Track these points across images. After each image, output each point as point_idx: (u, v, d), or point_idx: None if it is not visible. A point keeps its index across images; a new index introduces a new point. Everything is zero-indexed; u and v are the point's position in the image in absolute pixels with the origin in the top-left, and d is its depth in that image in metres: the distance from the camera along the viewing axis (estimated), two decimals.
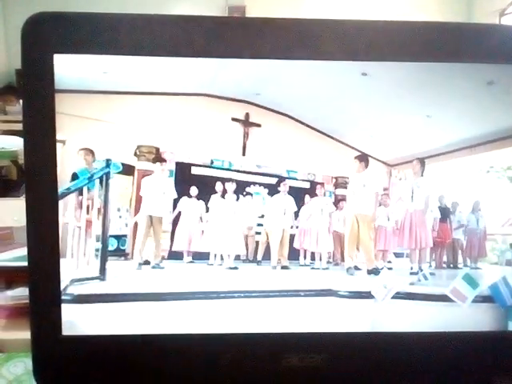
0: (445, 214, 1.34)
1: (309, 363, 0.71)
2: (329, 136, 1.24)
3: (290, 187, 1.25)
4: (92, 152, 0.79)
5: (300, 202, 1.26)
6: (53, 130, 0.63)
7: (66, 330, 0.71)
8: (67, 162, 0.71)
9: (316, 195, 1.29)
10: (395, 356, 0.73)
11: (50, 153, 0.63)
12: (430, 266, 1.37)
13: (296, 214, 1.33)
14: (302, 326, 0.79)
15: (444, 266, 1.36)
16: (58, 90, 0.62)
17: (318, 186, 1.30)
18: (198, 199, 1.22)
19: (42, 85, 0.61)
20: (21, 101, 0.68)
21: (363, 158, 1.21)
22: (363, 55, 0.72)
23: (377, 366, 0.73)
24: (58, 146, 0.66)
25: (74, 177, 0.80)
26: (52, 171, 0.65)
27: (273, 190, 1.24)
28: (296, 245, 1.37)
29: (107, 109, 0.78)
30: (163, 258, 1.12)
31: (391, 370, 0.73)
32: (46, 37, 0.60)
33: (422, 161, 1.17)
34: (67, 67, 0.62)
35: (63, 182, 0.71)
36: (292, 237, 1.37)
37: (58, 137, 0.65)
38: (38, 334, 0.70)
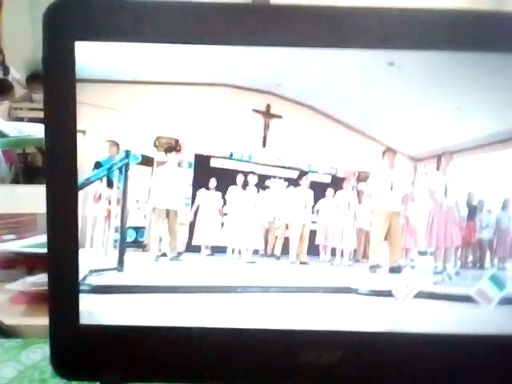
0: (472, 211, 1.31)
1: (326, 361, 0.71)
2: (352, 129, 1.22)
3: (311, 182, 1.25)
4: (117, 144, 0.81)
5: (320, 197, 1.26)
6: (73, 120, 0.65)
7: (84, 319, 0.73)
8: (87, 152, 0.73)
9: (341, 189, 1.28)
10: (415, 357, 0.72)
11: (70, 143, 0.65)
12: (455, 265, 1.35)
13: (313, 209, 1.33)
14: (319, 323, 0.79)
15: (470, 265, 1.34)
16: (79, 80, 0.63)
17: (346, 180, 1.30)
18: (217, 191, 1.24)
19: (63, 73, 0.63)
20: None
21: (394, 153, 1.20)
22: (390, 43, 0.71)
23: (396, 366, 0.72)
24: (79, 136, 0.67)
25: (98, 165, 0.82)
26: (72, 161, 0.67)
27: (293, 183, 1.25)
28: (319, 241, 1.38)
29: (127, 99, 0.79)
30: (180, 251, 1.14)
31: (410, 371, 0.73)
32: (67, 23, 0.61)
33: (451, 155, 1.15)
34: (88, 55, 0.63)
35: (84, 172, 0.73)
36: (311, 232, 1.38)
37: (78, 127, 0.67)
38: (55, 322, 0.73)
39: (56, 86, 0.63)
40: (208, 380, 0.75)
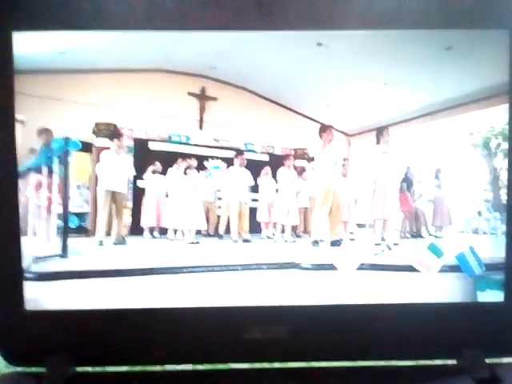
0: (406, 183, 1.45)
1: (272, 335, 0.74)
2: (286, 108, 1.33)
3: (247, 160, 1.34)
4: (49, 131, 0.85)
5: (260, 175, 1.36)
6: (11, 110, 0.68)
7: (30, 306, 0.76)
8: (25, 141, 0.77)
9: (283, 166, 1.37)
10: (360, 329, 0.75)
11: (8, 133, 0.69)
12: (394, 236, 1.49)
13: (254, 188, 1.44)
14: (265, 300, 0.81)
15: (408, 236, 1.49)
16: (17, 71, 0.67)
17: (287, 157, 1.39)
18: (160, 174, 1.31)
19: (1, 64, 0.67)
20: None
21: (330, 129, 1.30)
22: (319, 24, 0.74)
23: (342, 338, 0.75)
24: (17, 125, 0.71)
25: (32, 152, 0.86)
26: (11, 150, 0.70)
27: (231, 163, 1.33)
28: (261, 218, 1.47)
29: (64, 87, 0.85)
30: (124, 235, 1.21)
31: (356, 342, 0.76)
32: (4, 15, 0.66)
33: (385, 129, 1.26)
34: (24, 46, 0.68)
35: (22, 161, 0.76)
36: (252, 210, 1.47)
37: (16, 117, 0.70)
38: (1, 310, 0.75)
39: None
40: (154, 361, 0.78)
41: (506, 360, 0.79)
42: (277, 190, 1.42)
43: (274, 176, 1.36)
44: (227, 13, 0.72)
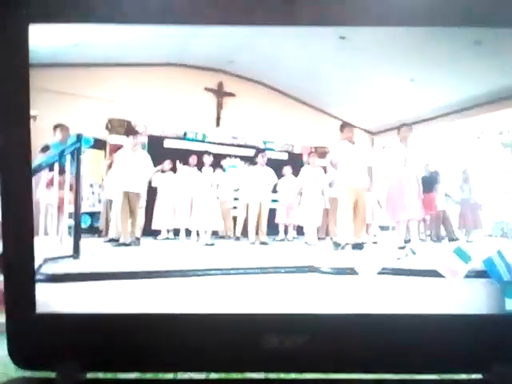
0: (431, 183, 1.42)
1: (289, 345, 0.73)
2: (307, 104, 1.32)
3: (268, 159, 1.33)
4: (67, 128, 0.86)
5: (279, 174, 1.34)
6: (27, 105, 0.69)
7: (41, 308, 0.76)
8: (38, 137, 0.77)
9: (308, 165, 1.36)
10: (381, 339, 0.74)
11: (23, 128, 0.69)
12: (419, 239, 1.47)
13: (274, 187, 1.42)
14: (283, 305, 0.81)
15: (434, 239, 1.46)
16: (31, 64, 0.68)
17: (312, 155, 1.36)
18: (172, 172, 1.31)
19: (17, 57, 0.67)
20: None
21: (352, 127, 1.27)
22: (341, 20, 0.74)
23: (362, 349, 0.74)
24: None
25: (46, 149, 0.86)
26: (25, 148, 0.70)
27: (252, 162, 1.33)
28: (280, 219, 1.45)
29: (78, 82, 0.85)
30: (138, 236, 1.21)
31: (377, 354, 0.74)
32: (20, 7, 0.67)
33: (409, 127, 1.24)
34: (39, 39, 0.69)
35: (34, 158, 0.76)
36: (271, 211, 1.45)
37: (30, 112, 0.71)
38: (11, 311, 0.75)
39: (9, 66, 0.68)
40: (166, 368, 0.78)
41: None
42: (299, 191, 1.41)
43: (295, 175, 1.35)
44: (248, 7, 0.72)
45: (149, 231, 1.29)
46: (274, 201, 1.43)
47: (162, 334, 0.75)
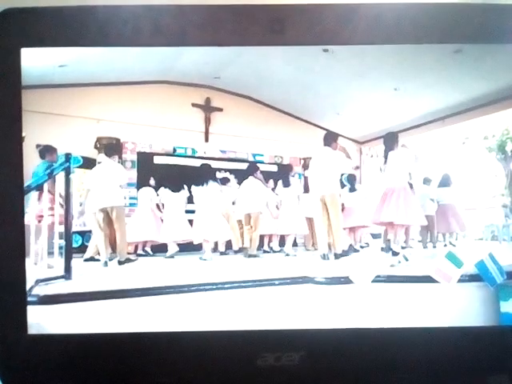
0: (415, 189, 1.44)
1: (285, 362, 0.71)
2: (294, 116, 1.33)
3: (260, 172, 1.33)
4: (54, 149, 0.86)
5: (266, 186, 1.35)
6: (19, 126, 0.68)
7: (32, 330, 0.73)
8: (27, 157, 0.76)
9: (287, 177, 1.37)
10: (378, 354, 0.72)
11: (15, 150, 0.68)
12: (410, 246, 1.48)
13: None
14: (279, 320, 0.81)
15: (425, 245, 1.48)
16: (23, 86, 0.68)
17: (289, 167, 1.38)
18: (176, 191, 1.29)
19: (9, 80, 0.67)
20: None
21: (336, 137, 1.28)
22: (325, 39, 0.72)
23: (359, 364, 0.72)
24: None
25: (34, 174, 0.86)
26: (17, 170, 0.70)
27: (241, 175, 1.32)
28: (266, 231, 1.44)
29: (65, 102, 0.85)
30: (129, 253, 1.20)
31: (373, 369, 0.72)
32: (13, 32, 0.67)
33: (395, 135, 1.25)
34: (26, 62, 0.69)
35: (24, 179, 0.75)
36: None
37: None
38: (2, 333, 0.73)
39: (1, 89, 0.68)
40: None
41: None
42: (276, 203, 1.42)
43: (284, 186, 1.37)
44: (237, 30, 0.72)
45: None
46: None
47: (156, 353, 0.72)
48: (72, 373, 0.72)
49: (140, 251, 1.35)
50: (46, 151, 0.86)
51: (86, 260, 1.16)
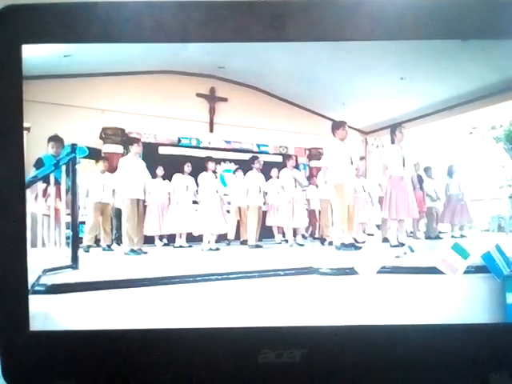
0: (420, 182, 1.43)
1: (287, 359, 0.71)
2: (299, 106, 1.33)
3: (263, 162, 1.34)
4: (61, 140, 0.86)
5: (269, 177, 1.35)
6: (20, 119, 0.69)
7: (36, 324, 0.73)
8: (32, 149, 0.77)
9: (285, 167, 1.37)
10: (380, 351, 0.72)
11: (17, 141, 0.69)
12: (416, 237, 1.48)
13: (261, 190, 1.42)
14: (282, 310, 0.82)
15: (431, 236, 1.47)
16: (24, 77, 0.68)
17: (291, 158, 1.37)
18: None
19: (11, 74, 0.67)
20: None
21: (344, 126, 1.28)
22: (330, 36, 0.70)
23: (361, 362, 0.72)
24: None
25: (39, 162, 0.86)
26: (19, 160, 0.70)
27: (245, 166, 1.34)
28: (272, 222, 1.45)
29: (70, 92, 0.85)
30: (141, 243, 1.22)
31: (376, 366, 0.72)
32: (14, 29, 0.66)
33: (401, 126, 1.25)
34: (32, 54, 0.69)
35: (29, 170, 0.76)
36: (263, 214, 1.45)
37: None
38: (4, 329, 0.72)
39: (3, 85, 0.69)
40: None
41: None
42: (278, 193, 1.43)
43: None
44: (238, 26, 0.72)
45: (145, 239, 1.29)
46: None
47: (157, 349, 0.72)
48: (74, 369, 0.72)
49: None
50: (50, 141, 0.87)
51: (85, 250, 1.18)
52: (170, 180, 1.27)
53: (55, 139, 0.88)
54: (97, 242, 1.19)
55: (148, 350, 0.72)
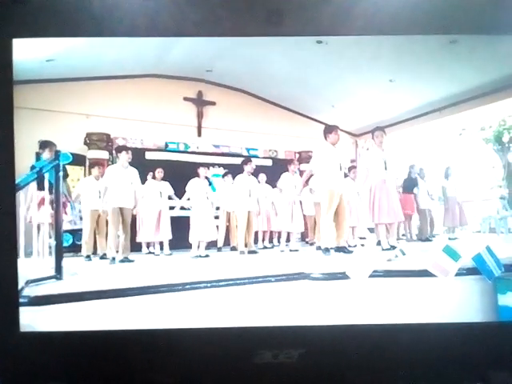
0: (412, 184, 1.44)
1: (284, 359, 0.72)
2: (289, 109, 1.32)
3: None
4: (54, 145, 0.85)
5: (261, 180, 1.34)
6: (10, 122, 0.68)
7: (24, 328, 0.76)
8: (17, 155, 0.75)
9: (287, 172, 1.36)
10: (377, 351, 0.73)
11: (7, 146, 0.68)
12: (407, 239, 1.48)
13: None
14: (276, 317, 0.81)
15: (421, 238, 1.48)
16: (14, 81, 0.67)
17: (293, 162, 1.36)
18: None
19: (1, 72, 0.68)
20: None
21: (336, 130, 1.27)
22: (318, 29, 0.76)
23: (357, 361, 0.73)
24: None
25: (33, 169, 0.85)
26: (9, 169, 0.69)
27: (234, 170, 1.33)
28: (261, 227, 1.45)
29: (53, 97, 0.83)
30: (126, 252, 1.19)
31: (372, 365, 0.73)
32: (4, 22, 0.68)
33: (382, 130, 1.24)
34: (15, 56, 0.67)
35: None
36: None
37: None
38: None
39: None
40: None
41: None
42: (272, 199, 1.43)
43: (275, 181, 1.37)
44: (236, 20, 0.72)
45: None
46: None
47: (151, 351, 0.72)
48: (66, 371, 0.73)
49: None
50: (42, 146, 0.85)
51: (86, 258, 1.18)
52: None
53: (49, 144, 0.86)
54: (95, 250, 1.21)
55: (141, 351, 0.72)
